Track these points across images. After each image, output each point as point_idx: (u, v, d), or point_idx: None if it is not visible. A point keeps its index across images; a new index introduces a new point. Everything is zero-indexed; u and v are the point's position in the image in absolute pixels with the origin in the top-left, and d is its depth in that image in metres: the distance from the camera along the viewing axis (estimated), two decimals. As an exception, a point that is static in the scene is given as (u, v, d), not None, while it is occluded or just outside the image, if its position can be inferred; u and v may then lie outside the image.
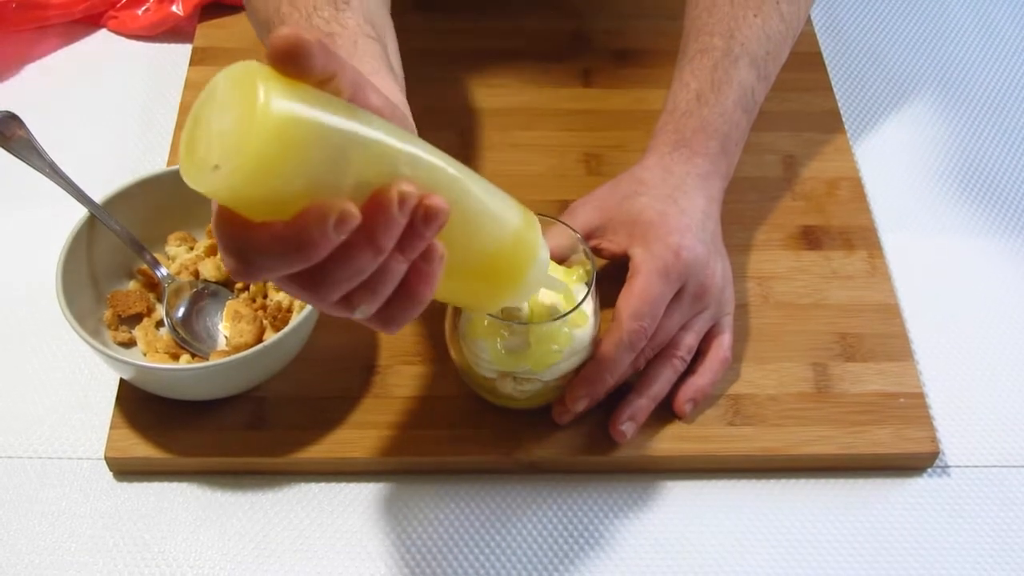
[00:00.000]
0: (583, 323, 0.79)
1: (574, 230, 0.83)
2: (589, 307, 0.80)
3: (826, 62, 1.14)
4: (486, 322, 0.78)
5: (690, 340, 0.85)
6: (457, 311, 0.81)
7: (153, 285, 0.89)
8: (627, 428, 0.83)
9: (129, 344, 0.87)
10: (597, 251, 0.87)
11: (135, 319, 0.88)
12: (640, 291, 0.81)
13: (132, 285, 0.89)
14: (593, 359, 0.81)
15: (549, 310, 0.78)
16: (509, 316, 0.78)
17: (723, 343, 0.86)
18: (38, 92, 1.11)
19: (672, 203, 0.85)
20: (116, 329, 0.87)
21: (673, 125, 0.90)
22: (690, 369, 0.86)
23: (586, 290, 0.79)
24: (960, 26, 1.21)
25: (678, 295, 0.83)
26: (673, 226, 0.84)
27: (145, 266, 0.89)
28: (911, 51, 1.18)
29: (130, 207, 0.88)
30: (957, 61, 1.17)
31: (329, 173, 0.52)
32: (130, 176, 0.88)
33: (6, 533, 0.80)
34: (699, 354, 0.86)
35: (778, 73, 0.95)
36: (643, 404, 0.83)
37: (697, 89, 0.90)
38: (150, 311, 0.88)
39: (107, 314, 0.87)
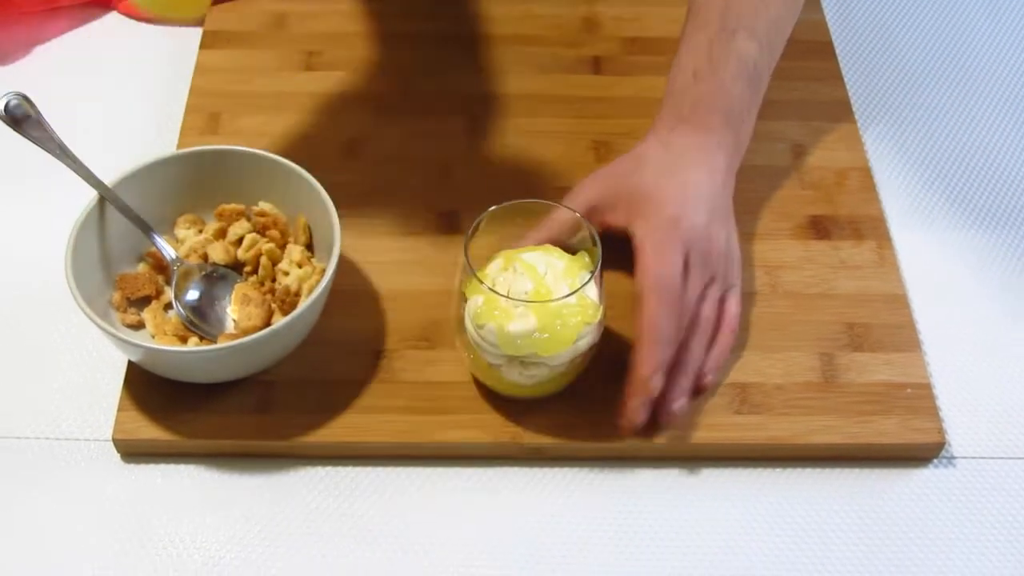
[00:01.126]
0: (590, 306, 0.79)
1: (577, 212, 0.83)
2: (594, 291, 0.80)
3: (836, 51, 1.13)
4: (496, 310, 0.78)
5: (708, 310, 0.85)
6: (462, 301, 0.81)
7: (162, 268, 0.90)
8: (680, 406, 0.83)
9: (138, 326, 0.87)
10: (600, 227, 0.87)
11: (144, 302, 0.88)
12: (653, 260, 0.82)
13: (141, 267, 0.90)
14: (645, 337, 0.80)
15: (555, 291, 0.78)
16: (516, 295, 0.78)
17: (731, 312, 0.87)
18: (48, 74, 1.11)
19: (670, 176, 0.86)
20: (125, 311, 0.87)
21: (671, 106, 0.91)
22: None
23: (589, 276, 0.79)
24: (973, 15, 1.21)
25: (686, 266, 0.83)
26: (670, 198, 0.85)
27: (154, 249, 0.89)
28: (922, 40, 1.18)
29: (139, 190, 0.88)
30: (969, 51, 1.17)
31: None
32: (139, 159, 0.88)
33: (13, 513, 0.81)
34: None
35: (786, 43, 0.96)
36: (685, 381, 0.84)
37: (694, 68, 0.91)
38: (159, 293, 0.88)
39: (115, 296, 0.87)
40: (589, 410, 0.84)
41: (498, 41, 1.13)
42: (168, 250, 0.88)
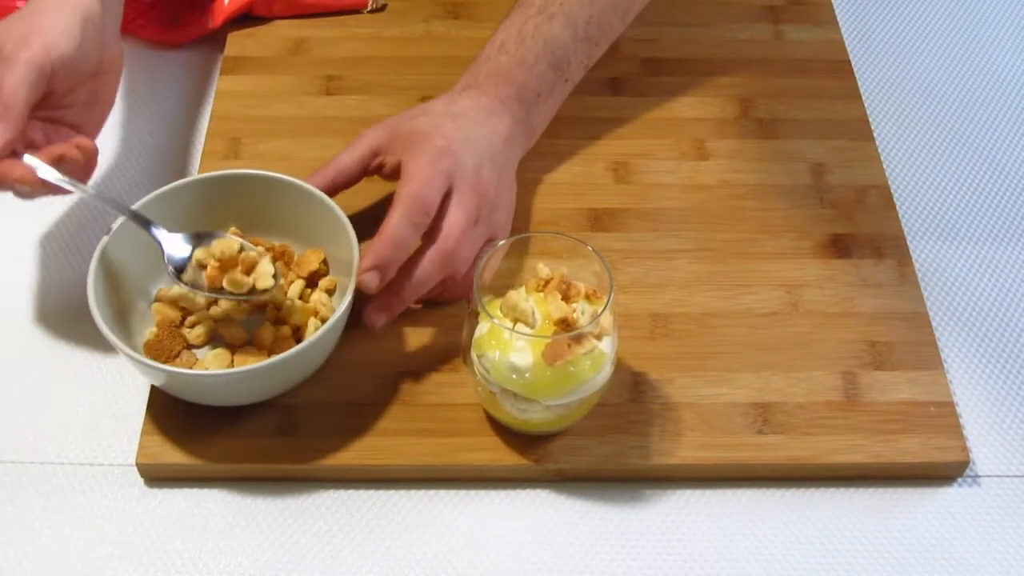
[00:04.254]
0: (598, 356, 0.78)
1: (596, 252, 0.83)
2: (609, 338, 0.79)
3: (855, 69, 1.13)
4: (496, 340, 0.78)
5: (464, 249, 0.86)
6: (472, 323, 0.81)
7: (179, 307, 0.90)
8: (379, 322, 0.86)
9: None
10: (379, 169, 0.90)
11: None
12: (410, 177, 0.84)
13: (158, 316, 0.89)
14: (378, 237, 0.82)
15: (560, 327, 0.78)
16: (521, 319, 0.78)
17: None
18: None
19: (449, 119, 0.90)
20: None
21: (470, 71, 0.95)
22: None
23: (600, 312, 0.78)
24: (991, 32, 1.20)
25: (450, 195, 0.85)
26: (441, 133, 0.88)
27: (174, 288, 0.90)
28: (940, 57, 1.18)
29: (160, 214, 0.88)
30: (987, 68, 1.17)
31: None
32: (159, 184, 0.89)
33: (38, 539, 0.81)
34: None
35: (609, 41, 1.00)
36: (396, 300, 0.86)
37: (502, 40, 0.95)
38: (188, 345, 0.88)
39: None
40: (611, 431, 0.84)
41: (516, 63, 1.13)
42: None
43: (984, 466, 0.86)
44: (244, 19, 1.16)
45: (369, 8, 1.18)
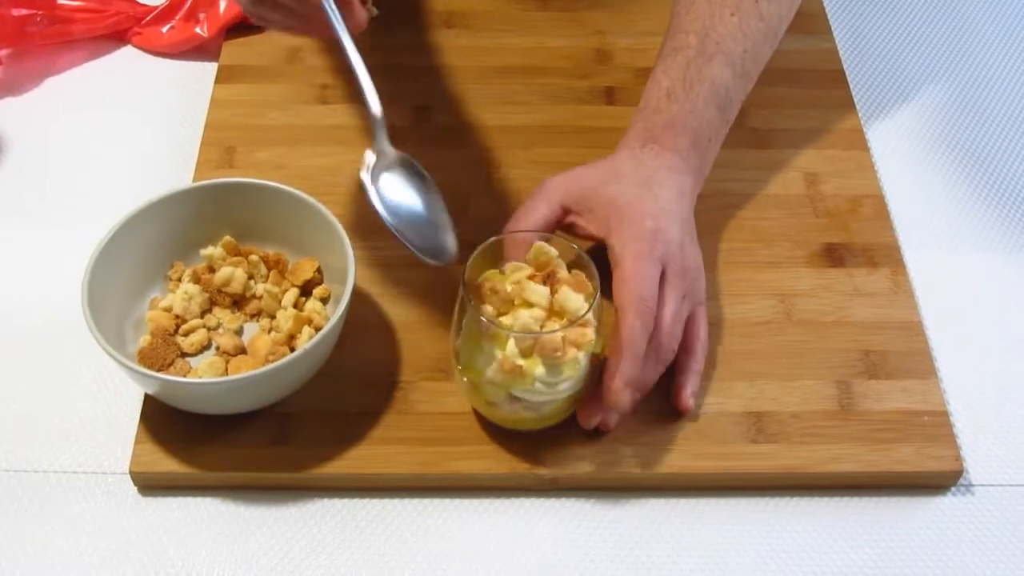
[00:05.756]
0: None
1: (578, 248, 0.83)
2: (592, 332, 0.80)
3: (849, 79, 1.14)
4: (498, 368, 0.78)
5: (678, 330, 0.85)
6: (458, 334, 0.81)
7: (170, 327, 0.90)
8: (614, 421, 0.84)
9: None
10: (571, 227, 0.88)
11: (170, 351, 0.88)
12: (631, 274, 0.82)
13: (151, 326, 0.89)
14: (615, 352, 0.80)
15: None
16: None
17: (702, 334, 0.87)
18: (62, 107, 1.11)
19: (646, 190, 0.87)
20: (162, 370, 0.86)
21: (643, 123, 0.92)
22: (677, 362, 0.86)
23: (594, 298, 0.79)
24: (984, 43, 1.21)
25: (664, 278, 0.83)
26: (647, 210, 0.85)
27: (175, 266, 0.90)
28: (935, 68, 1.18)
29: (154, 223, 0.88)
30: (981, 78, 1.17)
31: None
32: (154, 193, 0.89)
33: (31, 547, 0.81)
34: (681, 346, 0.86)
35: (760, 72, 0.97)
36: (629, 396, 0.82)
37: (668, 87, 0.92)
38: (182, 353, 0.88)
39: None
40: (604, 440, 0.84)
41: (511, 73, 1.13)
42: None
43: (978, 475, 0.86)
44: (239, 28, 1.16)
45: (364, 17, 1.18)
